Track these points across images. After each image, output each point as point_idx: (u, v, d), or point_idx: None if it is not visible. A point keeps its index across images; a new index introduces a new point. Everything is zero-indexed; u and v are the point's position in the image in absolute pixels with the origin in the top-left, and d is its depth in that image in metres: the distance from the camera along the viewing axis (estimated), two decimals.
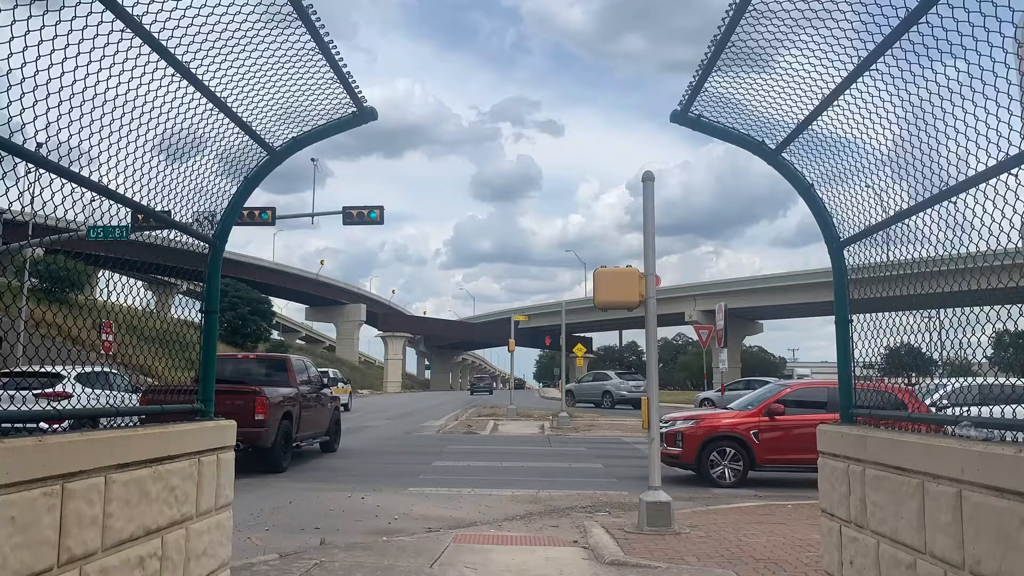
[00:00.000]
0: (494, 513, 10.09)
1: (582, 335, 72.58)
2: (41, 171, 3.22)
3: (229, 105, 4.63)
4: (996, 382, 3.55)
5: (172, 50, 3.91)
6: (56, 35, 3.07)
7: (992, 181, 3.33)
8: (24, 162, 3.08)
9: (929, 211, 4.02)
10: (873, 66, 4.08)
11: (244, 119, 4.85)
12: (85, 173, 3.52)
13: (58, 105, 3.21)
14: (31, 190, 3.20)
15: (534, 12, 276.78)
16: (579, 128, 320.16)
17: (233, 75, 4.40)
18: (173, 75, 4.05)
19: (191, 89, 4.25)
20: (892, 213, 4.42)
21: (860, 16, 3.85)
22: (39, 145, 3.14)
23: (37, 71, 3.00)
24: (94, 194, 3.65)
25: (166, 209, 4.46)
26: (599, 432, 25.19)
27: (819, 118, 4.80)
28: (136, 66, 3.74)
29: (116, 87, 3.63)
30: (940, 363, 4.43)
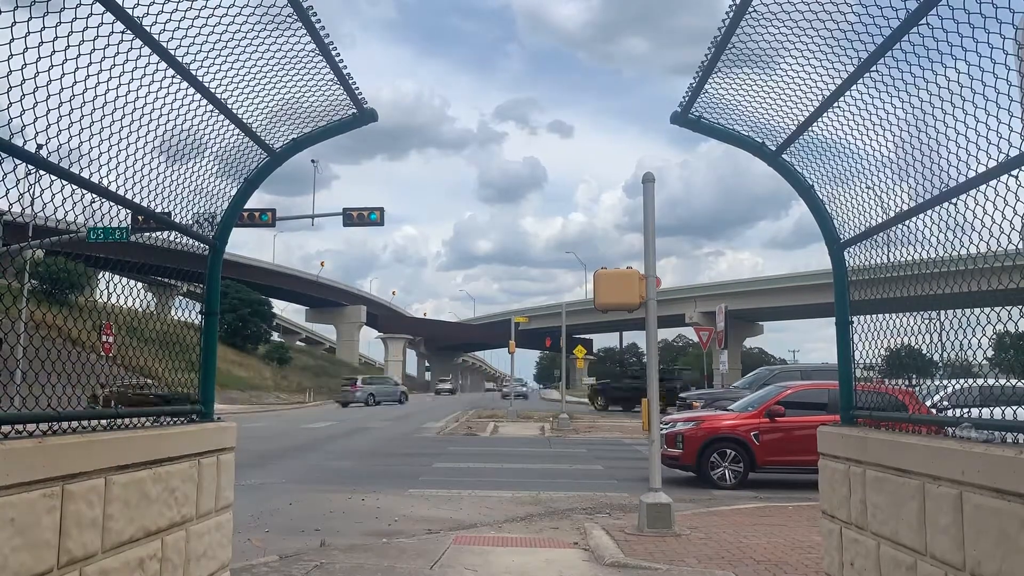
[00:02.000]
0: (494, 515, 10.09)
1: (583, 336, 72.48)
2: (41, 172, 3.22)
3: (229, 106, 4.62)
4: (996, 384, 3.55)
5: (172, 52, 3.91)
6: (56, 36, 3.07)
7: (992, 182, 3.33)
8: (24, 163, 3.08)
9: (930, 212, 4.02)
10: (873, 67, 4.08)
11: (244, 120, 4.85)
12: (85, 175, 3.52)
13: (58, 106, 3.21)
14: (31, 192, 3.20)
15: (529, 14, 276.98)
16: (578, 130, 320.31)
17: (233, 76, 4.40)
18: (173, 77, 4.05)
19: (191, 90, 4.25)
20: (893, 214, 4.42)
21: (860, 17, 3.85)
22: (39, 147, 3.13)
23: (37, 72, 3.00)
24: (94, 195, 3.65)
25: (166, 211, 4.46)
26: (599, 434, 25.19)
27: (819, 119, 4.80)
28: (136, 67, 3.73)
29: (116, 88, 3.63)
30: (941, 365, 4.43)
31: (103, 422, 3.68)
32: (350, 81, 4.80)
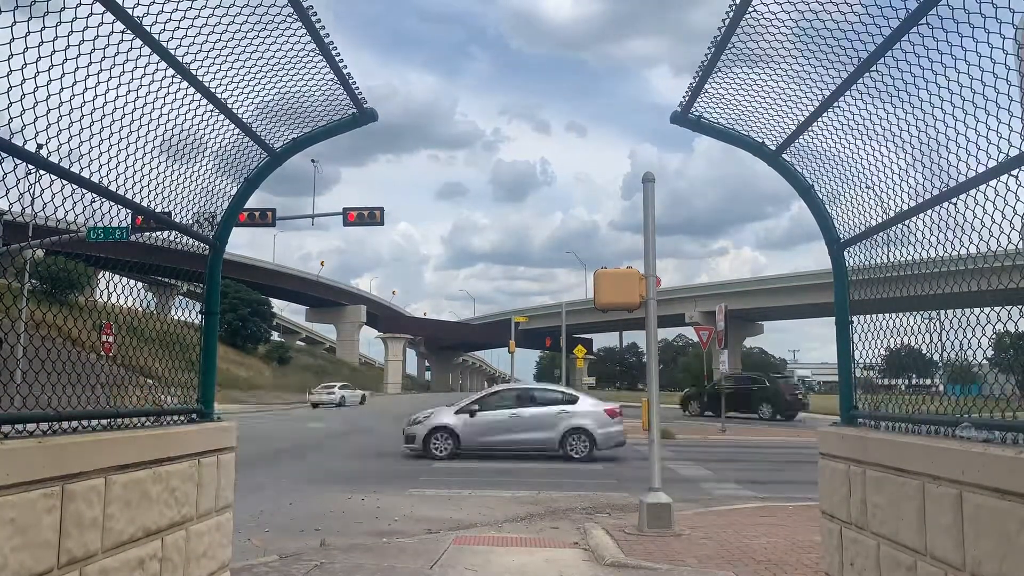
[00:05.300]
0: (494, 514, 10.09)
1: (582, 336, 72.47)
2: (41, 172, 3.22)
3: (229, 106, 4.62)
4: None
5: (172, 51, 3.91)
6: (56, 36, 3.07)
7: (992, 182, 3.33)
8: (24, 163, 3.08)
9: (930, 212, 4.02)
10: (873, 67, 4.08)
11: (244, 120, 4.85)
12: (85, 175, 3.52)
13: (58, 107, 3.21)
14: (31, 191, 3.20)
15: (524, 14, 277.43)
16: (575, 130, 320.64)
17: (233, 76, 4.40)
18: (173, 76, 4.05)
19: (191, 90, 4.25)
20: (893, 214, 4.42)
21: (860, 18, 3.85)
22: (39, 146, 3.13)
23: (38, 72, 3.00)
24: (94, 195, 3.65)
25: (166, 210, 4.46)
26: None
27: (819, 119, 4.80)
28: (136, 67, 3.73)
29: (116, 88, 3.63)
30: (940, 364, 4.43)
31: (103, 422, 3.68)
32: (350, 81, 4.80)
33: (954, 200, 3.72)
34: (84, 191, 3.54)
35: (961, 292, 3.67)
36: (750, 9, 4.10)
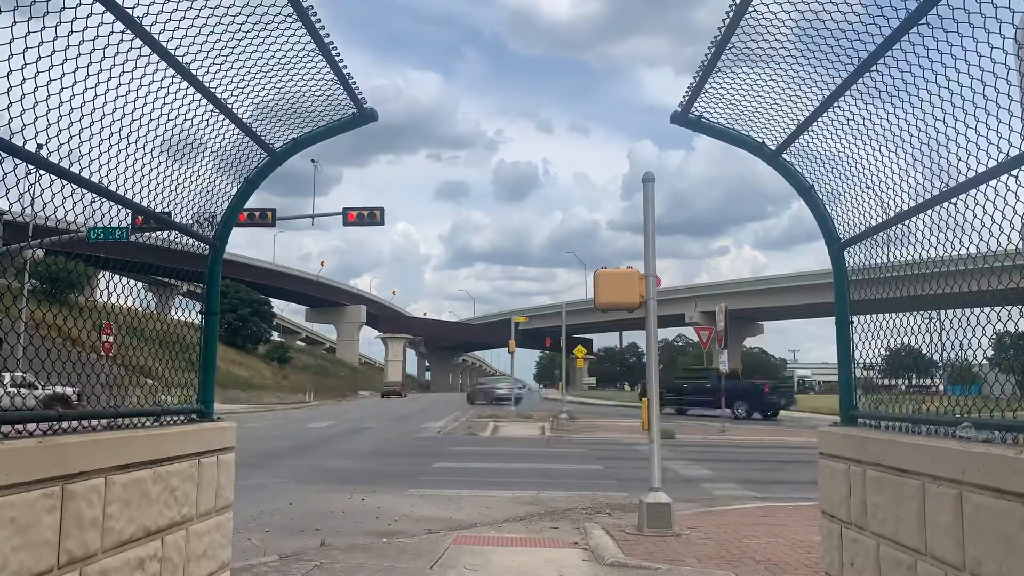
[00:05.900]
0: (494, 514, 10.08)
1: (583, 336, 72.55)
2: (41, 172, 3.22)
3: (229, 106, 4.62)
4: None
5: (172, 51, 3.91)
6: (56, 36, 3.07)
7: (992, 182, 3.33)
8: (24, 163, 3.08)
9: (930, 212, 4.01)
10: (873, 67, 4.08)
11: (244, 120, 4.85)
12: (85, 175, 3.52)
13: (58, 106, 3.21)
14: (31, 191, 3.20)
15: (522, 12, 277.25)
16: (574, 130, 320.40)
17: (233, 76, 4.40)
18: (174, 76, 4.05)
19: (191, 90, 4.24)
20: (892, 214, 4.42)
21: (860, 18, 3.85)
22: (39, 146, 3.13)
23: (38, 72, 3.00)
24: (94, 195, 3.65)
25: (166, 210, 4.46)
26: (599, 433, 25.19)
27: (819, 119, 4.80)
28: (136, 67, 3.73)
29: (116, 88, 3.63)
30: (940, 364, 4.43)
31: (103, 421, 3.68)
32: (350, 81, 4.80)
33: (954, 200, 3.72)
34: (84, 191, 3.54)
35: (961, 292, 3.67)
36: (750, 9, 4.10)
